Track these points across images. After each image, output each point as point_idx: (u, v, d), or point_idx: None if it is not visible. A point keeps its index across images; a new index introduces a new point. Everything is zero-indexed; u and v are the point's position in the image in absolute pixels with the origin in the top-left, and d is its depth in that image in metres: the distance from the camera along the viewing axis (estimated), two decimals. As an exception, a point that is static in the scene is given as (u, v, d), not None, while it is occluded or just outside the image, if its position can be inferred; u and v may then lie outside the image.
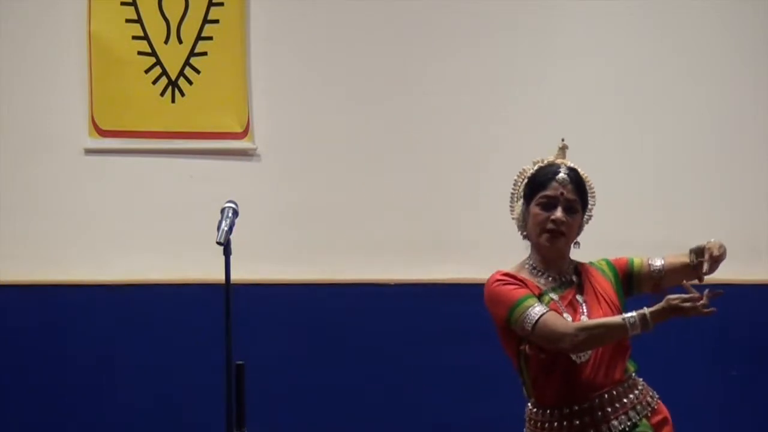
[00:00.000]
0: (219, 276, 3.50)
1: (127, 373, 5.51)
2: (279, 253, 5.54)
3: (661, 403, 3.62)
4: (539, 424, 3.55)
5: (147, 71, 5.56)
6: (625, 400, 3.50)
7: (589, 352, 3.46)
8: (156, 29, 5.56)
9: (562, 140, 3.69)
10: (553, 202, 3.52)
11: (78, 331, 5.53)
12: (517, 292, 3.50)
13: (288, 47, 5.61)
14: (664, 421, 3.59)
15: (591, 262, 3.68)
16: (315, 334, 5.51)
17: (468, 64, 5.59)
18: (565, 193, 3.52)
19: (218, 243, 3.49)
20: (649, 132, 5.60)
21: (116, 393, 5.52)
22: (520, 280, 3.53)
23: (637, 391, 3.55)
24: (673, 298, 3.34)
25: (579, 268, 3.63)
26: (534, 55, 5.59)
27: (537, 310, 3.44)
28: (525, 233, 3.63)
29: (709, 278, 3.47)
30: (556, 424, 3.51)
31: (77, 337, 5.53)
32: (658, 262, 3.63)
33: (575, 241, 3.61)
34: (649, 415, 3.55)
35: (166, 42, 5.57)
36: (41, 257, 5.57)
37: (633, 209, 5.55)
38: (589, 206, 3.64)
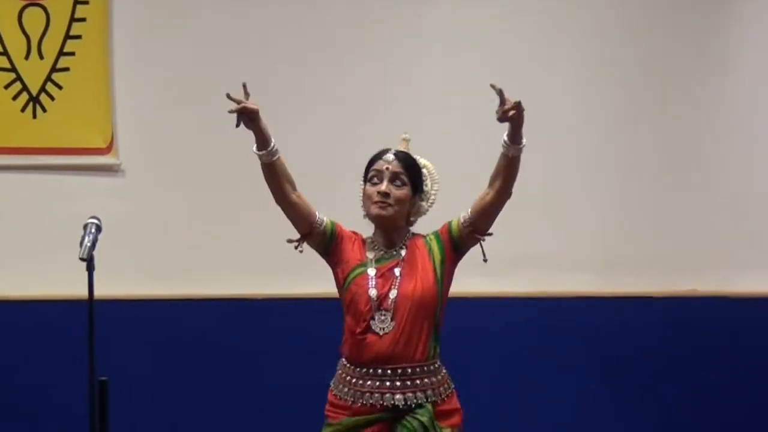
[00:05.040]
0: (82, 292, 3.49)
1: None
2: (143, 268, 5.51)
3: (455, 397, 3.89)
4: (342, 373, 3.86)
5: (7, 87, 5.49)
6: (417, 381, 3.79)
7: (392, 325, 3.76)
8: (16, 45, 5.50)
9: (405, 134, 4.00)
10: (380, 176, 3.87)
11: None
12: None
13: (151, 63, 5.59)
14: (452, 411, 3.86)
15: (426, 236, 3.92)
16: (178, 350, 5.49)
17: (335, 77, 5.63)
18: (390, 167, 3.86)
19: (81, 259, 3.47)
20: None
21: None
22: (356, 240, 3.91)
23: (435, 378, 3.83)
24: None
25: (411, 242, 3.90)
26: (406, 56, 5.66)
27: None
28: (364, 213, 3.94)
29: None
30: (352, 379, 3.81)
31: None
32: (465, 212, 3.89)
33: (410, 219, 3.93)
34: (438, 402, 3.81)
35: (26, 58, 5.51)
36: None
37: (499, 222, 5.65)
38: (428, 189, 3.95)
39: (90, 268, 3.48)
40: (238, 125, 3.73)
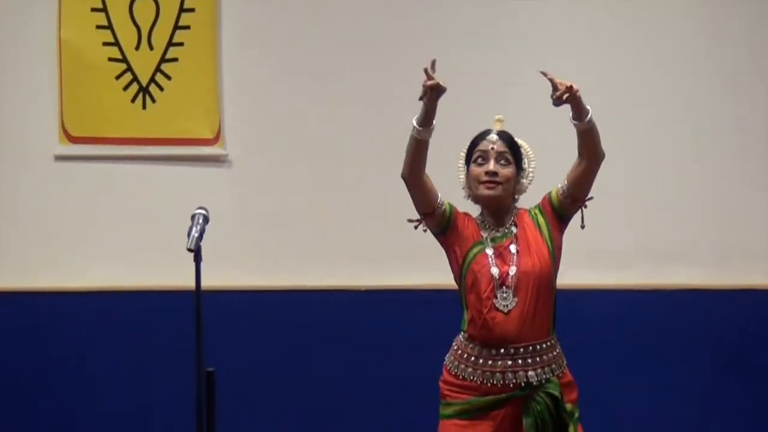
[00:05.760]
0: (190, 283, 3.50)
1: (97, 380, 5.50)
2: (250, 259, 5.53)
3: (568, 370, 3.96)
4: (463, 353, 3.89)
5: (118, 77, 5.55)
6: (544, 357, 3.86)
7: (515, 301, 3.83)
8: (127, 35, 5.56)
9: (499, 114, 4.02)
10: (486, 156, 3.93)
11: (48, 338, 5.51)
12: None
13: (259, 53, 5.61)
14: (570, 384, 3.93)
15: (529, 210, 4.00)
16: (286, 341, 5.51)
17: (444, 67, 5.56)
18: (495, 147, 3.93)
19: (189, 249, 3.48)
20: (637, 135, 5.61)
21: (86, 402, 5.51)
22: (468, 220, 3.97)
23: (555, 352, 3.91)
24: None
25: (519, 218, 3.98)
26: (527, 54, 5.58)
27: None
28: (470, 194, 4.00)
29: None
30: (479, 360, 3.86)
31: (47, 344, 5.52)
32: (562, 182, 3.94)
33: (515, 197, 4.00)
34: (560, 376, 3.90)
35: (137, 48, 5.56)
36: (10, 265, 5.55)
37: (611, 215, 5.56)
38: (526, 166, 4.01)
39: (197, 259, 3.50)
40: (422, 99, 3.79)
